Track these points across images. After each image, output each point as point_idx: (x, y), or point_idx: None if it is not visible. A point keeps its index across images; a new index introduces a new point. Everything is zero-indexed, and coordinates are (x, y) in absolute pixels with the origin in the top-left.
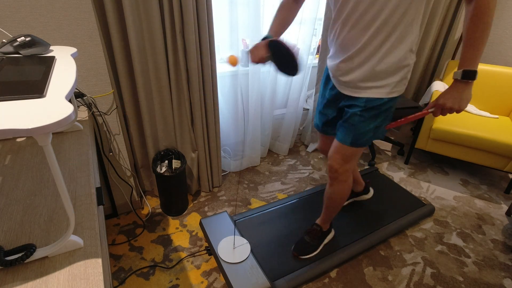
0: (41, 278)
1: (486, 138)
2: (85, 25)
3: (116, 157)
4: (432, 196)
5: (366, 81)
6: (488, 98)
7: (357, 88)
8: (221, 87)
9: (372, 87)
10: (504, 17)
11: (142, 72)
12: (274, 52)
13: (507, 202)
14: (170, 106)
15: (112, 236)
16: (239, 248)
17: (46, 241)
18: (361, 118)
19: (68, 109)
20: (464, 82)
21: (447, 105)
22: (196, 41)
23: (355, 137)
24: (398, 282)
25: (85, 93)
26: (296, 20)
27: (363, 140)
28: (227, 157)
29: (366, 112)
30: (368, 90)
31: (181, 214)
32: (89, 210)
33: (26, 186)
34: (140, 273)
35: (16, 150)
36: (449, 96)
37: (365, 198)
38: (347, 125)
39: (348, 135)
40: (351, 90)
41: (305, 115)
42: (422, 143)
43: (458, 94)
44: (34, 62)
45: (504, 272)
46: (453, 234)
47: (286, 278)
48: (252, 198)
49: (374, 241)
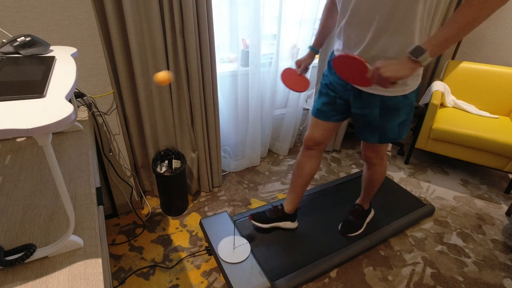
0: (41, 278)
1: (486, 138)
2: (85, 25)
3: (116, 157)
4: (432, 196)
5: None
6: (488, 98)
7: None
8: (221, 87)
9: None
10: (504, 17)
11: (142, 72)
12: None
13: (507, 202)
14: (170, 106)
15: (112, 236)
16: (239, 248)
17: (46, 241)
18: (384, 119)
19: (68, 109)
20: (407, 56)
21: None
22: (196, 42)
23: (381, 136)
24: (398, 282)
25: (85, 93)
26: (296, 20)
27: (390, 136)
28: (227, 157)
29: (386, 111)
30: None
31: (181, 214)
32: (89, 210)
33: (26, 186)
34: (140, 273)
35: (16, 150)
36: (388, 63)
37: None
38: (371, 128)
39: (374, 135)
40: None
41: (305, 115)
42: (422, 143)
43: (397, 64)
44: (34, 62)
45: (504, 272)
46: (453, 234)
47: (286, 278)
48: (252, 198)
49: (374, 241)
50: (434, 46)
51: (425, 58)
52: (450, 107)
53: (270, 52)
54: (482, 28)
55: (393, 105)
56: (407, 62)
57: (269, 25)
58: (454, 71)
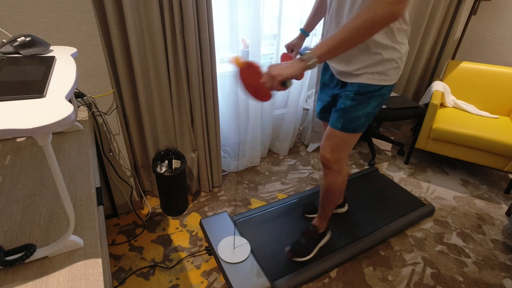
0: (41, 278)
1: (486, 138)
2: (85, 25)
3: (116, 157)
4: (432, 196)
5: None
6: (488, 98)
7: (351, 75)
8: (221, 87)
9: (365, 73)
10: (504, 17)
11: (142, 72)
12: None
13: (507, 202)
14: (170, 106)
15: (112, 236)
16: (239, 248)
17: (46, 241)
18: (354, 102)
19: (68, 109)
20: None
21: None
22: (196, 41)
23: (346, 121)
24: (398, 282)
25: (85, 93)
26: (296, 20)
27: (355, 125)
28: (227, 157)
29: (359, 95)
30: (360, 77)
31: (181, 214)
32: (89, 210)
33: (26, 186)
34: (140, 273)
35: (16, 150)
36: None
37: (339, 212)
38: (339, 110)
39: (339, 120)
40: (346, 77)
41: (305, 115)
42: (422, 143)
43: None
44: (34, 62)
45: (504, 272)
46: (453, 234)
47: (286, 278)
48: (252, 198)
49: (374, 241)
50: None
51: (310, 58)
52: (450, 107)
53: (270, 52)
54: (482, 28)
55: (366, 91)
56: (295, 61)
57: (269, 25)
58: (454, 71)
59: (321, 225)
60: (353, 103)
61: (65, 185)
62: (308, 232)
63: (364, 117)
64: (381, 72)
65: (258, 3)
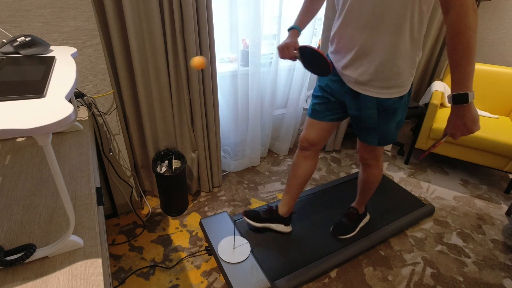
0: (41, 278)
1: (486, 138)
2: (85, 25)
3: (116, 157)
4: (432, 196)
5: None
6: (488, 98)
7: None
8: (221, 87)
9: (380, 87)
10: (504, 17)
11: (142, 72)
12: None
13: (507, 202)
14: (170, 106)
15: (112, 236)
16: (239, 248)
17: (46, 241)
18: (381, 121)
19: (68, 109)
20: (458, 106)
21: (456, 134)
22: (196, 41)
23: (380, 138)
24: (398, 282)
25: (85, 93)
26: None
27: (389, 137)
28: (227, 157)
29: (383, 113)
30: (376, 90)
31: (181, 214)
32: (89, 210)
33: (26, 186)
34: (140, 273)
35: (16, 150)
36: (452, 125)
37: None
38: (369, 130)
39: (373, 138)
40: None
41: (305, 115)
42: (422, 143)
43: (460, 120)
44: (34, 62)
45: (504, 272)
46: (453, 234)
47: (286, 278)
48: (252, 198)
49: (374, 241)
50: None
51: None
52: (450, 107)
53: (270, 52)
54: (482, 28)
55: (389, 106)
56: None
57: (269, 25)
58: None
59: (360, 207)
60: (379, 121)
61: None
62: (349, 213)
63: (394, 127)
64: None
65: (258, 3)
